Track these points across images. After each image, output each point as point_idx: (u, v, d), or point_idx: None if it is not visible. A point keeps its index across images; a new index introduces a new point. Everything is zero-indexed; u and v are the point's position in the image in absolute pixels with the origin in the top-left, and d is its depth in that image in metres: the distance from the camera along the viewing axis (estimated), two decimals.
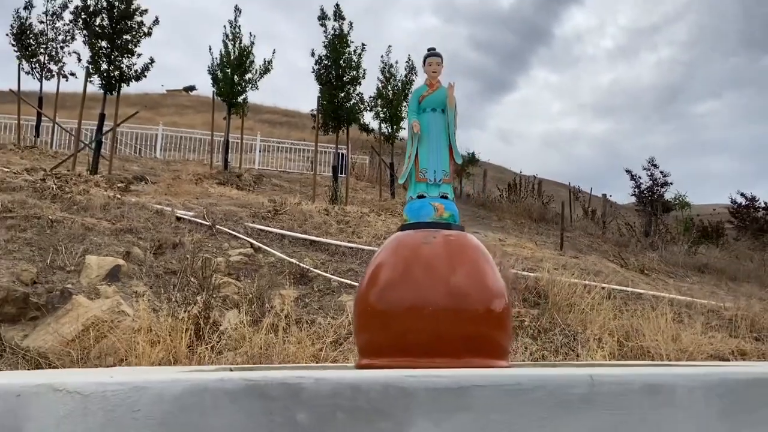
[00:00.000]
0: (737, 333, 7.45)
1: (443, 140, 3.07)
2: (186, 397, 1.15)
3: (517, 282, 8.16)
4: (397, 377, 1.21)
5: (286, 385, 1.19)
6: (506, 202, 17.76)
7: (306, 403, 1.19)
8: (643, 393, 1.31)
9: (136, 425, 1.15)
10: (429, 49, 3.15)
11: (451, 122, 3.07)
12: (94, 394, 1.13)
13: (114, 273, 7.34)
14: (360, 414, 1.20)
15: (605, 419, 1.29)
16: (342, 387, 1.21)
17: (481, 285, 2.81)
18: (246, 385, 1.18)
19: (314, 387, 1.20)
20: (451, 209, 3.03)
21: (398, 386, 1.22)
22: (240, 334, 6.43)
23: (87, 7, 11.34)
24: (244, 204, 10.46)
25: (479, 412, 1.22)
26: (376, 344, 2.80)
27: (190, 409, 1.15)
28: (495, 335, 2.78)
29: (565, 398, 1.27)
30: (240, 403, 1.17)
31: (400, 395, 1.20)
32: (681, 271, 12.57)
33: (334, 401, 1.19)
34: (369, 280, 2.92)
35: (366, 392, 1.20)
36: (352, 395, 1.20)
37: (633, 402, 1.30)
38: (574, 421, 1.27)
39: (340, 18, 13.22)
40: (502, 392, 1.24)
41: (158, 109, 62.76)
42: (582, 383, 1.28)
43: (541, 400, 1.26)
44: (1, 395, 1.15)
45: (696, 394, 1.33)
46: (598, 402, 1.29)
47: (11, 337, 6.32)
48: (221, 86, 14.84)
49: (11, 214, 8.01)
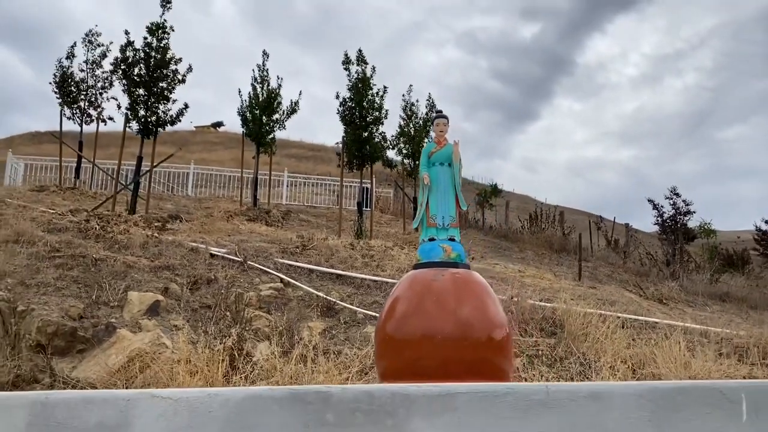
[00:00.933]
0: (749, 360, 7.66)
1: (450, 190, 3.53)
2: (246, 402, 1.59)
3: (534, 312, 8.48)
4: (401, 387, 1.64)
5: (319, 393, 1.62)
6: (527, 233, 18.07)
7: (333, 406, 1.62)
8: (588, 399, 1.71)
9: (210, 422, 1.59)
10: (437, 112, 3.62)
11: (456, 174, 3.53)
12: (181, 399, 1.58)
13: (154, 308, 7.79)
14: (373, 414, 1.63)
15: (558, 418, 1.69)
16: (361, 394, 1.64)
17: (484, 316, 3.22)
18: (289, 392, 1.61)
19: (340, 394, 1.63)
20: (458, 250, 3.46)
21: (402, 393, 1.65)
22: (271, 365, 6.84)
23: (126, 59, 12.15)
24: (273, 240, 10.97)
25: (462, 412, 1.64)
26: (393, 369, 3.22)
27: (248, 410, 1.58)
28: (496, 360, 3.18)
29: (528, 403, 1.68)
30: (284, 407, 1.60)
31: (403, 400, 1.63)
32: (701, 299, 12.73)
33: (355, 405, 1.62)
34: (387, 313, 3.35)
35: (378, 398, 1.63)
36: (368, 400, 1.62)
37: (580, 406, 1.70)
38: (535, 420, 1.68)
39: (363, 62, 13.93)
40: (479, 398, 1.66)
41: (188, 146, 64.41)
42: (540, 391, 1.69)
43: (509, 403, 1.67)
44: (116, 401, 1.61)
45: (629, 399, 1.73)
46: (553, 406, 1.69)
47: (61, 368, 6.78)
48: (250, 127, 15.57)
49: (59, 254, 8.58)
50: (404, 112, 16.30)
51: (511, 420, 1.66)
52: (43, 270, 8.05)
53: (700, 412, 1.75)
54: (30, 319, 6.99)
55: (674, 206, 23.38)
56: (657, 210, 23.57)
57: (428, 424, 1.64)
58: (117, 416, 1.57)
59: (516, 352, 7.59)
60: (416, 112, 16.24)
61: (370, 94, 13.72)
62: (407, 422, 1.64)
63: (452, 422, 1.65)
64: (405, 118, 16.32)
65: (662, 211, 23.47)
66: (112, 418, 1.56)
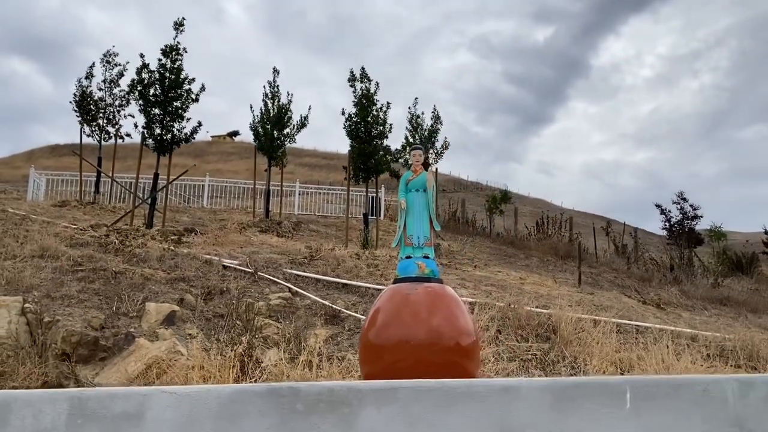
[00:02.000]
0: (734, 362, 8.02)
1: (425, 214, 4.00)
2: (234, 395, 2.07)
3: (531, 318, 8.89)
4: (354, 383, 2.10)
5: (291, 388, 2.09)
6: (533, 240, 18.45)
7: (302, 398, 2.09)
8: (501, 391, 2.17)
9: (206, 411, 2.07)
10: (413, 144, 4.10)
11: (430, 200, 4.01)
12: (185, 394, 2.06)
13: (170, 318, 8.28)
14: (333, 404, 2.10)
15: (478, 406, 2.15)
16: (323, 389, 2.11)
17: (453, 325, 3.69)
18: (268, 388, 2.08)
19: (307, 389, 2.10)
20: (431, 266, 3.93)
21: (355, 388, 2.12)
22: (279, 370, 7.32)
23: (142, 80, 12.79)
24: (283, 251, 11.48)
25: (403, 402, 2.11)
26: (374, 372, 3.69)
27: (235, 402, 2.06)
28: (463, 363, 3.64)
29: (454, 394, 2.14)
30: (264, 399, 2.07)
31: (356, 393, 2.09)
32: (701, 304, 13.03)
33: (318, 397, 2.09)
34: (369, 322, 3.83)
35: (337, 392, 2.10)
36: (329, 393, 2.09)
37: (493, 396, 2.16)
38: (459, 407, 2.14)
39: (366, 79, 14.46)
40: (416, 391, 2.13)
41: (204, 156, 65.50)
42: (463, 385, 2.15)
43: (439, 395, 2.14)
44: (134, 395, 2.10)
45: (535, 392, 2.18)
46: (474, 396, 2.15)
47: (85, 375, 7.29)
48: (262, 141, 16.15)
49: (81, 268, 9.12)
50: (410, 123, 16.81)
51: (440, 408, 2.13)
52: (67, 283, 8.58)
53: (592, 401, 2.20)
54: (55, 330, 7.50)
55: (682, 211, 23.66)
56: (665, 215, 23.87)
57: (376, 411, 2.11)
58: (135, 407, 2.06)
59: (511, 357, 8.01)
60: (421, 123, 16.75)
61: (374, 109, 14.25)
62: (360, 410, 2.11)
63: (395, 410, 2.12)
64: (411, 130, 16.82)
65: (669, 216, 23.76)
66: (132, 408, 2.05)
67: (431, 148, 16.55)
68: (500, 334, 8.45)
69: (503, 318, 8.83)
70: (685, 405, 2.26)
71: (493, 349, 8.00)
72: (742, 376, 2.49)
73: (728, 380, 2.35)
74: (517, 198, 58.57)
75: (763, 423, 2.28)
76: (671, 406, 2.24)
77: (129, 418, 2.03)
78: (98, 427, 1.99)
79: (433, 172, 4.51)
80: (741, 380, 2.34)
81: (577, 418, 2.15)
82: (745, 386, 2.31)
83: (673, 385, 2.28)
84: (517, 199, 52.21)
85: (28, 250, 9.39)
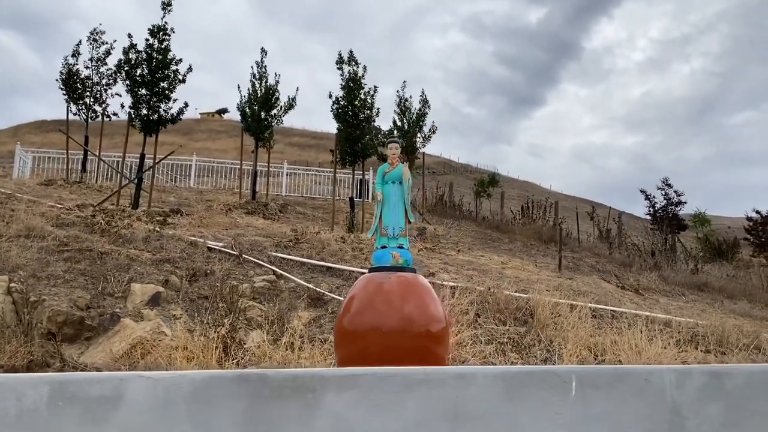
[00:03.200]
0: (706, 348, 8.27)
1: (400, 205, 4.15)
2: (206, 381, 2.22)
3: (509, 303, 9.10)
4: (318, 370, 2.26)
5: (259, 375, 2.24)
6: (518, 224, 18.65)
7: (269, 384, 2.24)
8: (455, 378, 2.34)
9: (181, 396, 2.22)
10: (391, 137, 4.23)
11: (405, 192, 4.15)
12: (161, 379, 2.21)
13: (155, 298, 8.39)
14: (297, 390, 2.25)
15: (434, 393, 2.32)
16: (289, 375, 2.26)
17: (424, 312, 3.85)
18: (238, 374, 2.23)
19: (274, 375, 2.25)
20: (406, 256, 4.08)
21: (319, 375, 2.27)
22: (262, 351, 7.48)
23: (129, 61, 12.77)
24: (268, 234, 11.60)
25: (363, 388, 2.27)
26: (347, 357, 3.86)
27: (207, 387, 2.21)
28: (433, 348, 3.81)
29: (412, 381, 2.30)
30: (234, 384, 2.22)
31: (319, 380, 2.25)
32: (679, 290, 13.31)
33: (284, 383, 2.24)
34: (344, 309, 3.98)
35: (301, 378, 2.25)
36: (293, 380, 2.25)
37: (449, 383, 2.33)
38: (416, 393, 2.30)
39: (354, 63, 14.50)
40: (376, 377, 2.28)
41: (192, 134, 65.14)
42: (420, 373, 2.31)
43: (398, 381, 2.30)
44: (112, 380, 2.24)
45: (488, 379, 2.35)
46: (430, 383, 2.31)
47: (70, 354, 7.40)
48: (249, 121, 16.18)
49: (67, 248, 9.20)
50: (398, 107, 16.89)
51: (398, 393, 2.29)
52: (53, 263, 8.67)
53: (541, 388, 2.37)
54: (41, 309, 7.59)
55: (666, 196, 23.98)
56: (649, 200, 24.19)
57: (338, 397, 2.27)
58: (113, 391, 2.20)
59: (489, 340, 8.22)
60: (410, 107, 16.83)
61: (361, 93, 14.30)
62: (323, 396, 2.27)
63: (356, 396, 2.28)
64: (399, 113, 16.91)
65: (654, 202, 24.07)
66: (110, 391, 2.19)
67: (419, 132, 16.67)
68: (479, 318, 8.66)
69: (483, 302, 9.03)
70: (628, 393, 2.44)
71: (471, 332, 8.21)
72: (680, 366, 2.67)
73: (667, 370, 2.53)
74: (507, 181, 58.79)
75: (696, 410, 2.46)
76: (615, 394, 2.42)
77: (107, 401, 2.17)
78: (78, 409, 2.13)
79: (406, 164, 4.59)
80: (678, 370, 2.52)
81: (528, 404, 2.32)
82: (682, 376, 2.49)
83: (617, 375, 2.46)
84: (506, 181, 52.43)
85: (14, 230, 9.45)
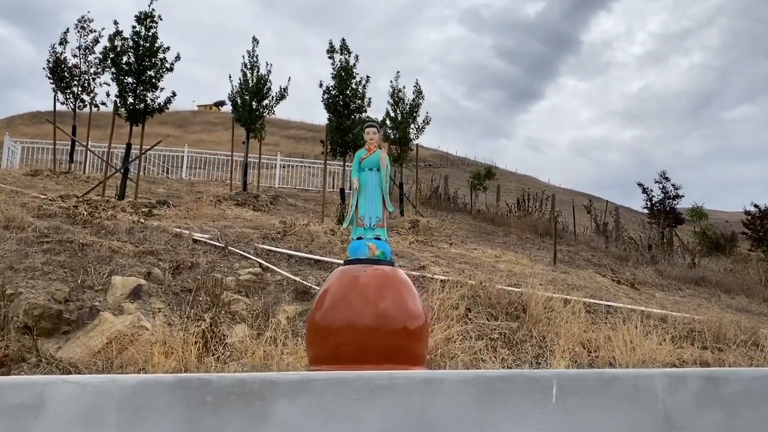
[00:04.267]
0: (703, 344, 8.04)
1: (378, 193, 3.88)
2: (139, 387, 1.96)
3: (502, 297, 8.85)
4: (268, 375, 2.00)
5: (200, 380, 1.99)
6: (514, 217, 18.40)
7: (212, 390, 1.99)
8: (423, 384, 2.08)
9: (109, 402, 1.97)
10: (368, 121, 3.97)
11: (383, 179, 3.89)
12: (88, 383, 1.96)
13: (136, 292, 8.14)
14: (245, 396, 2.00)
15: (398, 399, 2.06)
16: (235, 380, 2.01)
17: (401, 308, 3.60)
18: (176, 379, 1.98)
19: (218, 380, 2.00)
20: (383, 248, 3.82)
21: (269, 380, 2.02)
22: (245, 346, 7.23)
23: (115, 48, 12.46)
24: (256, 226, 11.34)
25: (318, 394, 2.01)
26: (319, 356, 3.61)
27: (140, 393, 1.96)
28: (411, 346, 3.56)
29: (373, 386, 2.05)
30: (171, 391, 1.97)
31: (269, 385, 2.00)
32: (675, 284, 13.08)
33: (230, 389, 1.99)
34: (317, 304, 3.73)
35: (250, 383, 2.00)
36: (240, 385, 2.00)
37: (416, 389, 2.07)
38: (378, 401, 2.05)
39: (346, 51, 14.19)
40: (332, 383, 2.03)
41: (188, 126, 64.76)
42: (384, 377, 2.06)
43: (358, 387, 2.04)
44: (34, 385, 1.99)
45: (458, 385, 2.09)
46: (394, 389, 2.06)
47: (47, 349, 7.15)
48: (240, 111, 15.88)
49: (47, 239, 8.94)
50: (391, 97, 16.59)
51: (358, 401, 2.04)
52: (32, 255, 8.40)
53: (518, 395, 2.11)
54: (18, 302, 7.34)
55: (664, 190, 23.72)
56: (646, 194, 23.92)
57: (290, 404, 2.01)
58: (34, 397, 1.95)
59: (479, 335, 7.98)
60: (403, 98, 16.53)
61: (353, 83, 14.01)
62: (273, 403, 2.01)
63: (310, 402, 2.02)
64: (392, 104, 16.61)
65: (651, 195, 23.82)
66: (31, 398, 1.94)
67: (412, 123, 16.38)
68: (470, 313, 8.41)
69: (474, 296, 8.78)
70: (615, 401, 2.19)
71: (461, 327, 7.97)
72: (673, 370, 2.43)
73: (659, 375, 2.27)
74: (505, 174, 58.55)
75: (691, 418, 2.21)
76: (600, 402, 2.16)
77: (28, 408, 1.92)
78: None
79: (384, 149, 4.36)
80: (671, 375, 2.27)
81: (502, 413, 2.07)
82: (676, 381, 2.24)
83: (603, 380, 2.21)
84: (504, 175, 52.20)
85: None
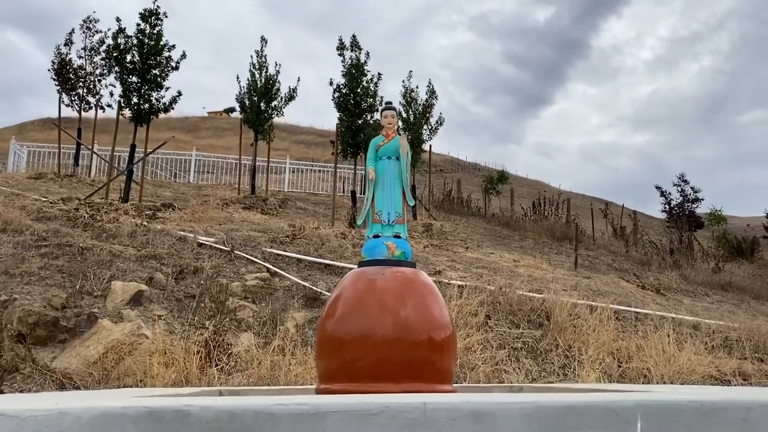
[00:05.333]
0: (739, 354, 7.50)
1: (397, 185, 3.40)
2: (98, 420, 1.50)
3: (523, 303, 8.34)
4: (266, 405, 1.53)
5: (177, 412, 1.52)
6: (529, 221, 17.86)
7: (193, 425, 1.52)
8: (468, 419, 1.60)
9: None
10: (386, 103, 3.49)
11: (403, 169, 3.41)
12: (28, 417, 1.49)
13: (137, 298, 7.72)
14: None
15: None
16: (222, 413, 1.54)
17: (425, 316, 3.11)
18: (145, 410, 1.52)
19: (199, 413, 1.53)
20: (403, 247, 3.34)
21: (267, 412, 1.54)
22: (251, 356, 6.77)
23: (118, 46, 12.07)
24: (264, 229, 10.89)
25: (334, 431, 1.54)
26: (330, 370, 3.13)
27: (99, 428, 1.49)
28: (436, 361, 3.07)
29: (402, 422, 1.57)
30: (140, 426, 1.51)
31: (267, 419, 1.53)
32: (702, 289, 12.50)
33: (215, 425, 1.53)
34: (328, 311, 3.25)
35: (241, 417, 1.53)
36: (229, 419, 1.53)
37: (461, 426, 1.58)
38: None
39: (357, 48, 13.73)
40: (351, 417, 1.55)
41: (197, 131, 64.61)
42: (417, 410, 1.57)
43: (383, 423, 1.56)
44: None
45: (514, 420, 1.60)
46: (430, 425, 1.58)
47: (41, 358, 6.73)
48: (249, 113, 15.46)
49: (45, 243, 8.54)
50: (404, 98, 16.11)
51: None
52: (29, 259, 8.01)
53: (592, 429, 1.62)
54: (12, 309, 6.95)
55: (682, 193, 23.10)
56: (665, 197, 23.32)
57: None
58: None
59: (501, 344, 7.47)
60: (416, 98, 16.05)
61: (364, 80, 13.54)
62: None
63: None
64: (405, 104, 16.13)
65: (670, 199, 23.20)
66: None
67: (425, 124, 15.90)
68: (490, 320, 7.91)
69: (493, 303, 8.27)
70: None
71: (481, 336, 7.47)
72: None
73: None
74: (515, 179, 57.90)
75: None
76: None
77: None
78: None
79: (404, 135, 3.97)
80: None
81: None
82: None
83: (703, 412, 1.68)
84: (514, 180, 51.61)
85: None
